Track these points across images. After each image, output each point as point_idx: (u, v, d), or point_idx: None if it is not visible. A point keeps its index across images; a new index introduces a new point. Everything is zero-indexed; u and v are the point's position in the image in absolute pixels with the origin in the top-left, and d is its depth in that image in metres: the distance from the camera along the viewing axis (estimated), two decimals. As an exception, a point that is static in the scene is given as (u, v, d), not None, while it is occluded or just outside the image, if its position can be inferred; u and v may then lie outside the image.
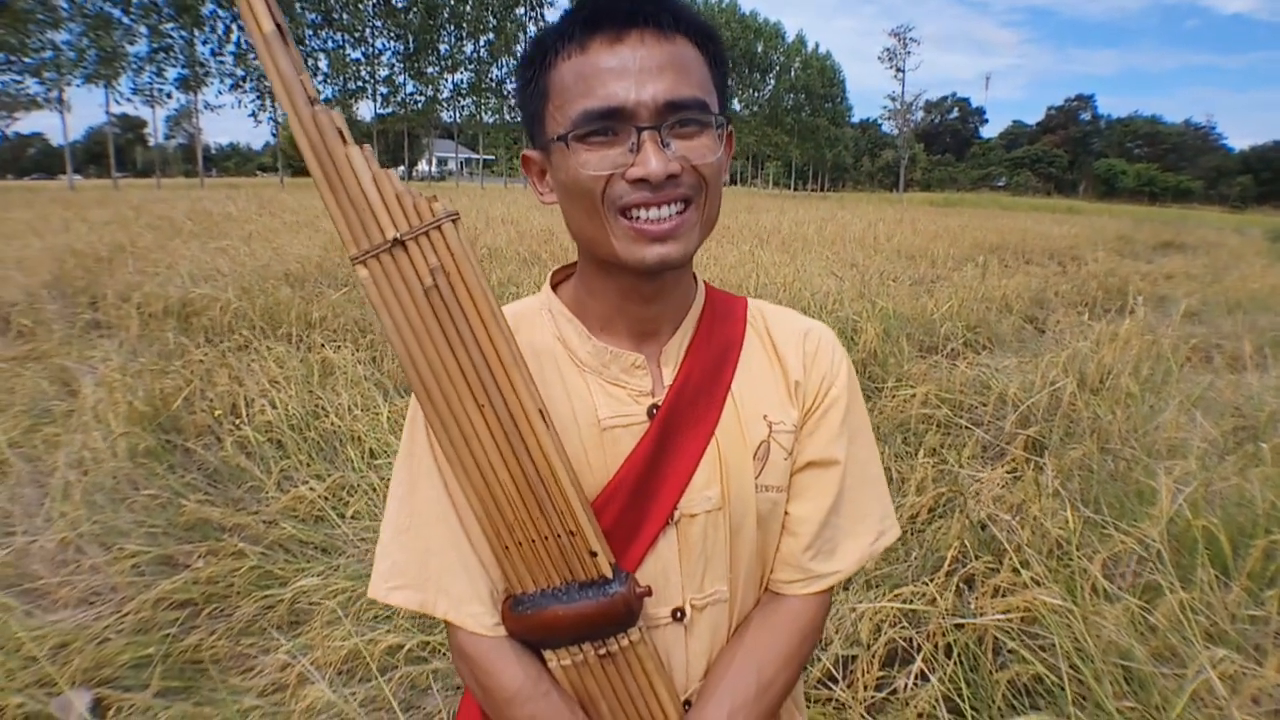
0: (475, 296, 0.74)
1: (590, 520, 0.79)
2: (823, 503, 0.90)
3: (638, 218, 0.77)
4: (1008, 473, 3.31)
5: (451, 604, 0.83)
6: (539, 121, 0.81)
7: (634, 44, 0.75)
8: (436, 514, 0.84)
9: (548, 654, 0.82)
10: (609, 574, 0.79)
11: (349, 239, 0.73)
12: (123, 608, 2.66)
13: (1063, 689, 2.12)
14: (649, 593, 0.82)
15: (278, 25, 0.70)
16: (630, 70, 0.74)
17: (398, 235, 0.72)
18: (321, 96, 0.72)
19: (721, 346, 0.90)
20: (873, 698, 2.20)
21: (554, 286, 0.94)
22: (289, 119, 0.72)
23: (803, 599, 0.91)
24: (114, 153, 41.59)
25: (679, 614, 0.87)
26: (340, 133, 0.72)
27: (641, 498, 0.84)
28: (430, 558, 0.84)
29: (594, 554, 0.79)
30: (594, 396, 0.86)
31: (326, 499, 3.28)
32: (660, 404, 0.86)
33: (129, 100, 42.78)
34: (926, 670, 2.22)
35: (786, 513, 0.92)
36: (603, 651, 0.81)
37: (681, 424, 0.86)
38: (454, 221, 0.74)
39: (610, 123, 0.75)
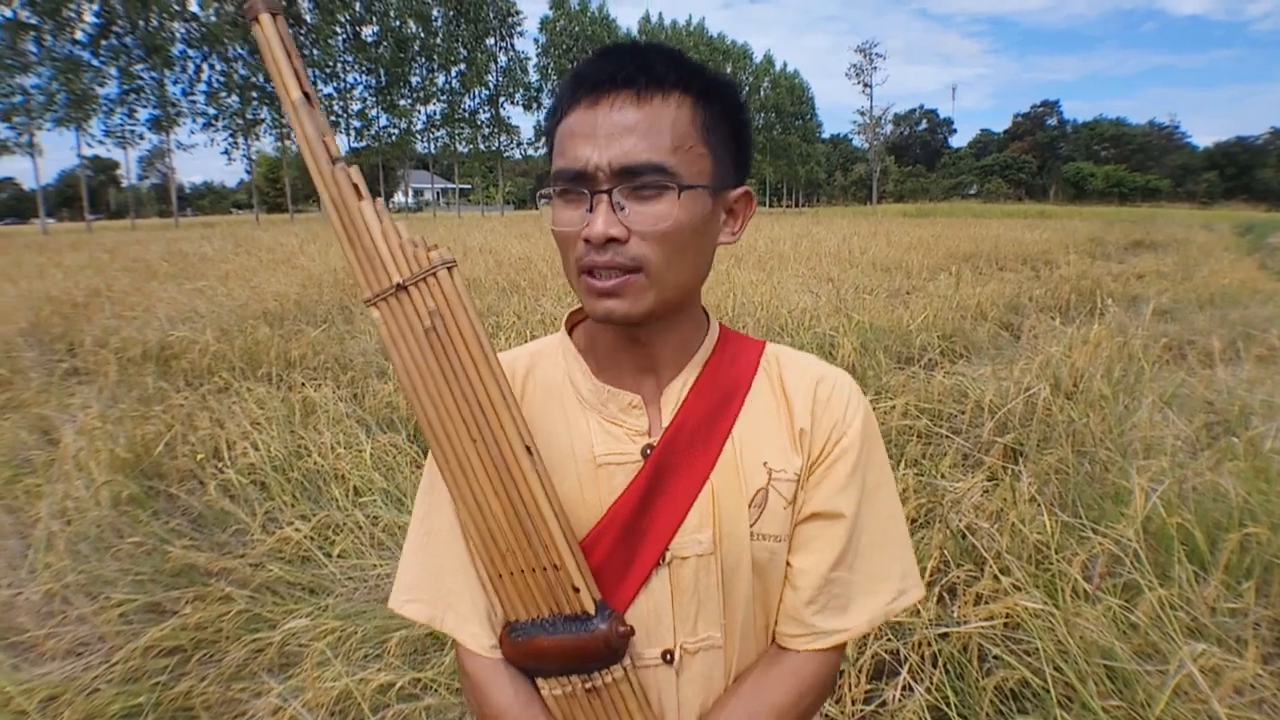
0: (467, 338, 0.79)
1: (574, 555, 0.81)
2: (826, 556, 0.88)
3: (592, 275, 0.80)
4: (986, 480, 3.35)
5: (457, 621, 0.88)
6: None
7: (605, 107, 0.78)
8: (450, 536, 0.88)
9: (540, 682, 0.85)
10: (591, 610, 0.81)
11: (364, 283, 0.81)
12: (111, 657, 2.65)
13: (1048, 692, 2.15)
14: (632, 632, 0.83)
15: (305, 93, 0.78)
16: (596, 135, 0.77)
17: (401, 281, 0.79)
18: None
19: (726, 390, 0.90)
20: (861, 711, 2.22)
21: (572, 326, 0.97)
22: (314, 176, 0.80)
23: (808, 657, 0.89)
24: (87, 195, 41.37)
25: (669, 656, 0.87)
26: (356, 188, 0.80)
27: (632, 536, 0.85)
28: (442, 576, 0.89)
29: (576, 589, 0.81)
30: (592, 433, 0.88)
31: (312, 539, 3.27)
32: (655, 444, 0.87)
33: (101, 142, 42.57)
34: (913, 681, 2.24)
35: (789, 564, 0.90)
36: (589, 685, 0.82)
37: (675, 465, 0.86)
38: (450, 269, 0.80)
39: (576, 184, 0.79)
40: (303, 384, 5.12)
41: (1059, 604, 2.41)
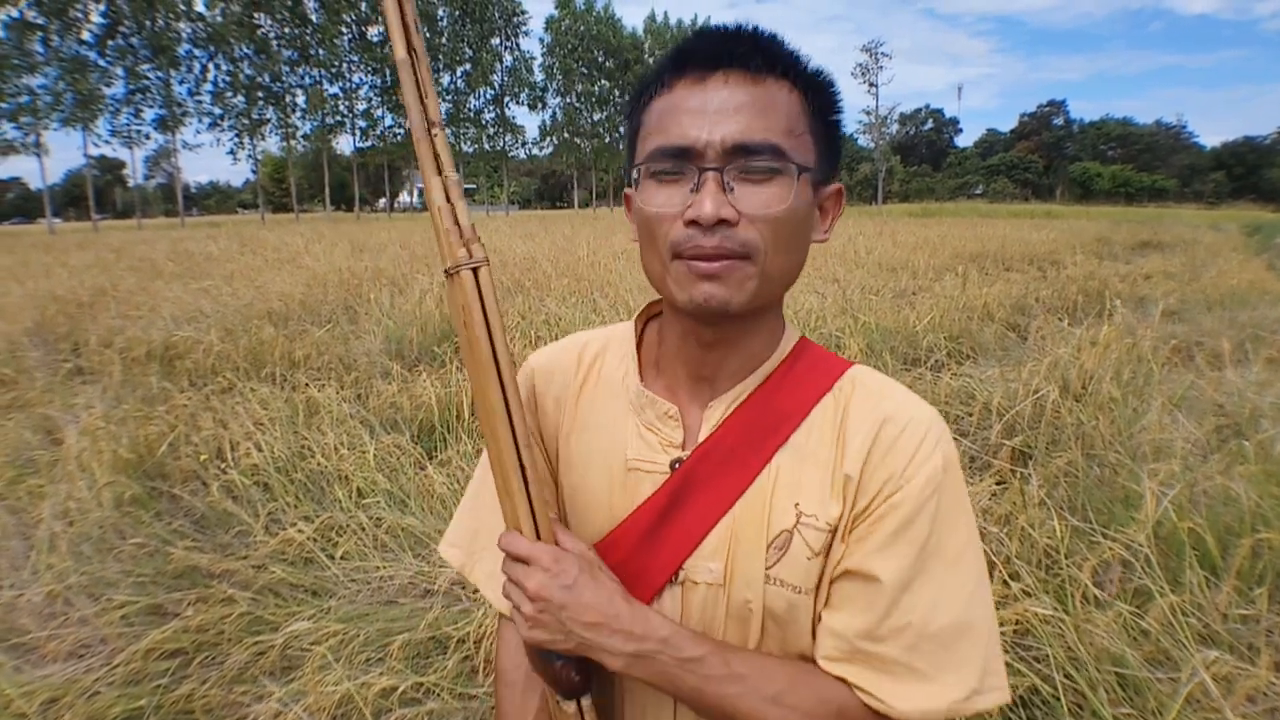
0: (479, 344, 0.77)
1: None
2: (855, 622, 0.76)
3: (691, 259, 0.75)
4: (995, 483, 3.32)
5: (483, 578, 0.92)
6: (630, 158, 0.82)
7: (717, 85, 0.74)
8: (493, 499, 0.85)
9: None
10: None
11: (440, 254, 0.80)
12: (113, 659, 2.63)
13: (1058, 699, 2.13)
14: (580, 688, 0.79)
15: (412, 50, 0.78)
16: (707, 111, 0.73)
17: (447, 267, 0.78)
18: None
19: (778, 414, 0.81)
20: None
21: (647, 320, 0.93)
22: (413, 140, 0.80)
23: (840, 684, 0.77)
24: (93, 195, 41.58)
25: None
26: (438, 159, 0.78)
27: (646, 548, 0.82)
28: (479, 533, 0.93)
29: None
30: (629, 435, 0.86)
31: (315, 540, 3.26)
32: (685, 459, 0.82)
33: (107, 142, 42.74)
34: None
35: (820, 616, 0.80)
36: (556, 700, 0.82)
37: (701, 485, 0.81)
38: (474, 270, 0.76)
39: (679, 162, 0.74)
40: (307, 384, 5.11)
41: (1069, 610, 2.38)
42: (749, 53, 0.75)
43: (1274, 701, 2.14)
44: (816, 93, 0.78)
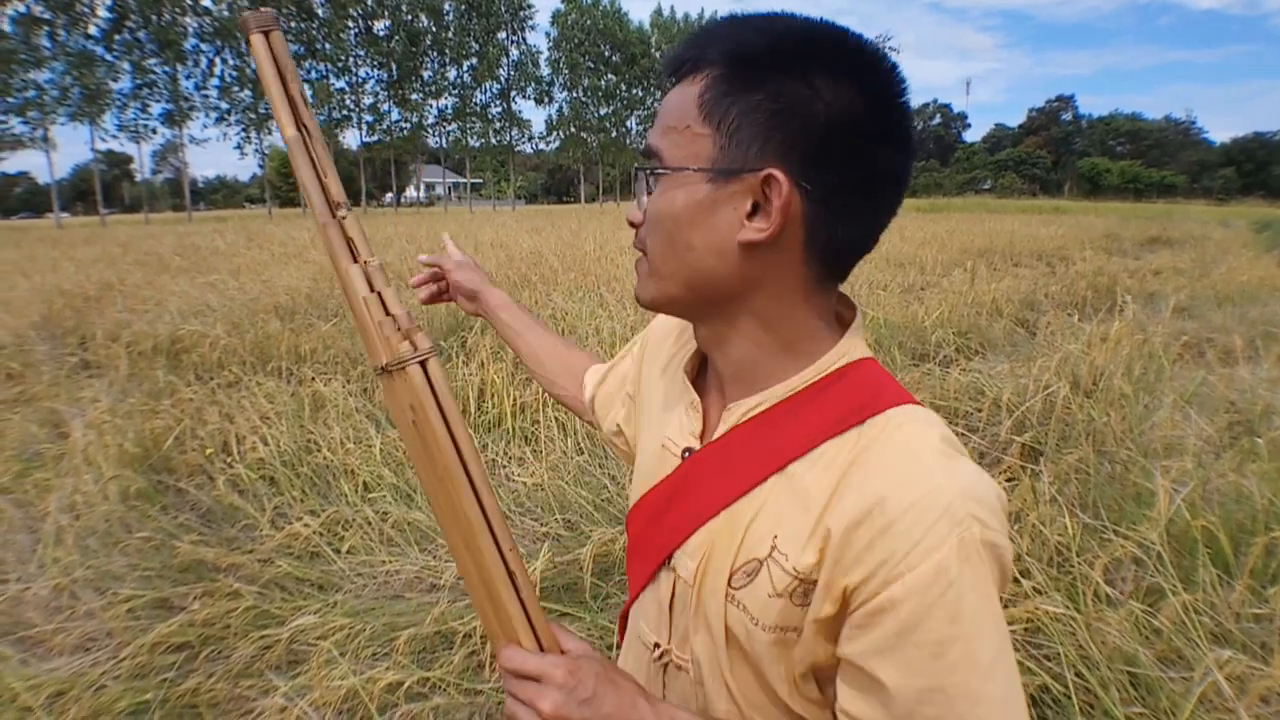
0: (439, 446, 0.70)
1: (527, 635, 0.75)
2: (868, 713, 0.66)
3: None
4: (1005, 480, 3.30)
5: None
6: None
7: (669, 92, 0.77)
8: None
9: None
10: None
11: (368, 350, 0.73)
12: (119, 653, 2.63)
13: (1070, 698, 2.11)
14: None
15: (302, 125, 0.69)
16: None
17: (383, 365, 0.70)
18: None
19: (790, 436, 0.75)
20: None
21: None
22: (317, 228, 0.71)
23: None
24: (101, 189, 41.61)
25: (659, 651, 0.84)
26: (350, 243, 0.70)
27: (657, 524, 0.84)
28: None
29: None
30: (670, 413, 0.89)
31: (321, 535, 3.25)
32: (694, 450, 0.83)
33: (114, 137, 42.93)
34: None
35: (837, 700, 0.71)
36: None
37: (700, 481, 0.80)
38: (422, 363, 0.70)
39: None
40: (313, 378, 5.11)
41: (1080, 608, 2.36)
42: (683, 58, 0.73)
43: (1288, 702, 2.12)
44: (743, 73, 0.69)
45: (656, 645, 0.84)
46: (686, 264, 0.73)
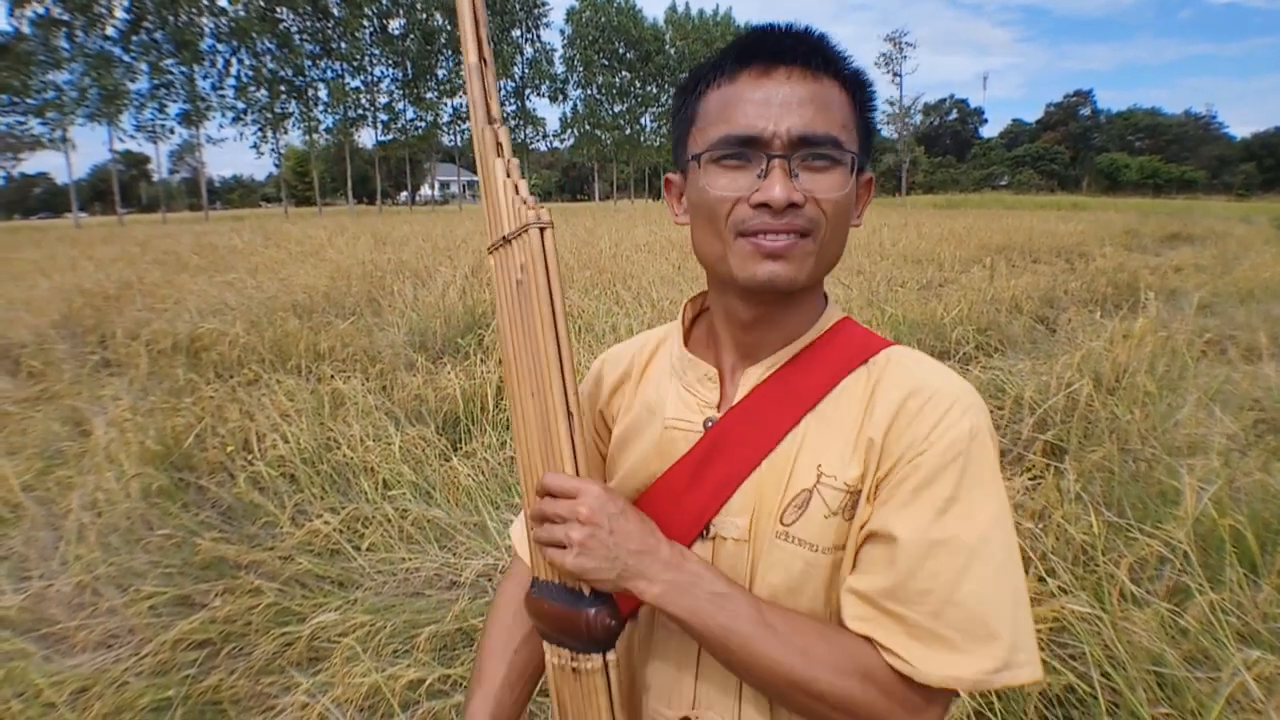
0: (539, 299, 0.81)
1: None
2: (874, 582, 0.76)
3: (756, 238, 0.81)
4: (1029, 479, 3.27)
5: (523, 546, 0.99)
6: (682, 145, 0.88)
7: (780, 79, 0.80)
8: None
9: (545, 646, 0.86)
10: (585, 591, 0.81)
11: (489, 230, 0.87)
12: (141, 650, 2.65)
13: (1095, 698, 2.08)
14: (620, 626, 0.82)
15: (482, 57, 0.86)
16: (772, 103, 0.79)
17: (505, 234, 0.84)
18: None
19: (809, 383, 0.86)
20: (902, 715, 2.16)
21: (695, 315, 1.00)
22: (473, 131, 0.89)
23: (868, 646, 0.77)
24: (119, 189, 41.97)
25: None
26: (499, 145, 0.86)
27: (680, 502, 0.87)
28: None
29: None
30: (669, 398, 0.92)
31: (342, 532, 3.26)
32: (717, 418, 0.88)
33: (132, 137, 43.32)
34: (956, 685, 2.17)
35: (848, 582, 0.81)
36: (574, 665, 0.83)
37: (731, 444, 0.86)
38: (541, 230, 0.82)
39: (745, 149, 0.80)
40: (332, 376, 5.13)
41: (1106, 607, 2.34)
42: (809, 52, 0.81)
43: (1318, 704, 2.08)
44: (859, 91, 0.84)
45: None
46: (842, 243, 0.86)
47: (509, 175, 0.85)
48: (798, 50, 0.80)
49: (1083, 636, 2.23)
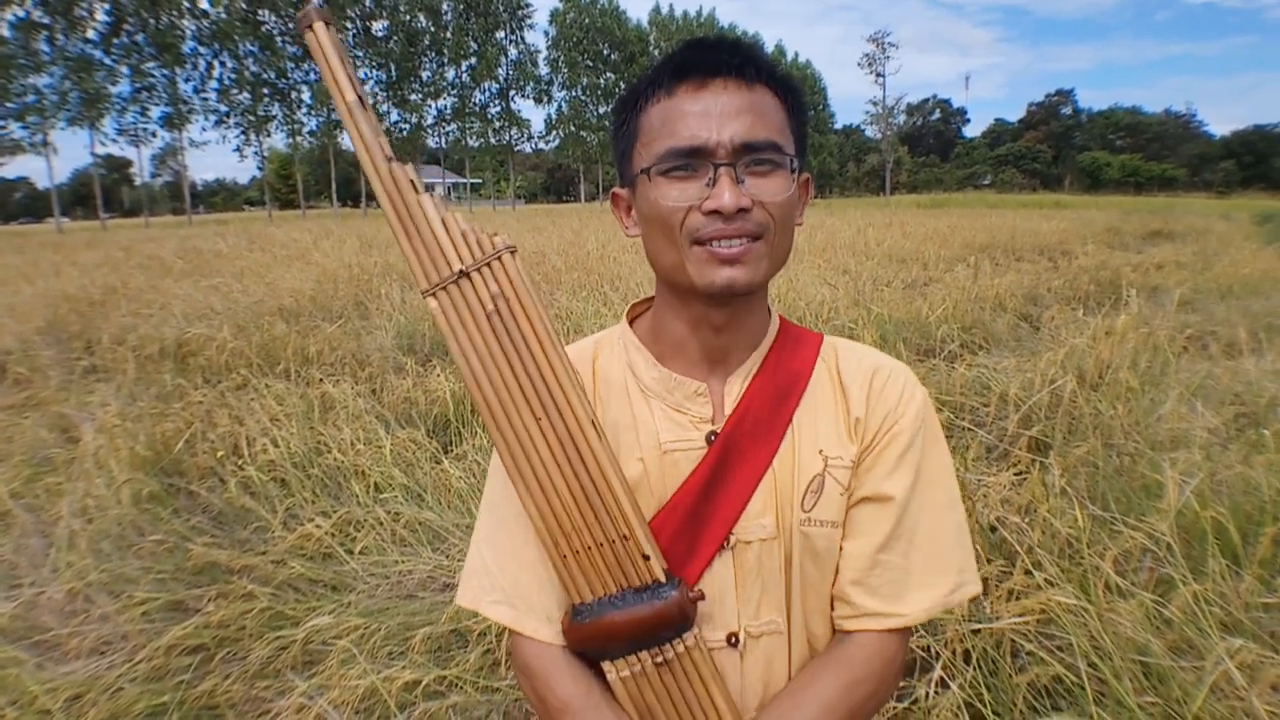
0: (532, 318, 0.83)
1: (642, 525, 0.84)
2: (873, 538, 0.89)
3: (711, 245, 0.83)
4: (1014, 474, 3.31)
5: (527, 611, 0.89)
6: (628, 159, 0.91)
7: (717, 91, 0.84)
8: (517, 524, 0.89)
9: (606, 666, 0.85)
10: (662, 578, 0.83)
11: (420, 275, 0.83)
12: (135, 656, 2.64)
13: (1083, 688, 2.11)
14: (702, 596, 0.85)
15: (358, 96, 0.82)
16: (712, 113, 0.83)
17: (463, 268, 0.82)
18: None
19: (787, 379, 0.93)
20: (894, 708, 2.19)
21: (632, 319, 1.01)
22: (369, 175, 0.83)
23: (858, 643, 0.89)
24: (101, 193, 41.59)
25: (734, 639, 0.89)
26: (413, 183, 0.83)
27: (697, 521, 0.88)
28: (509, 569, 0.91)
29: (646, 557, 0.83)
30: (657, 421, 0.92)
31: (334, 535, 3.26)
32: (719, 431, 0.90)
33: (114, 141, 42.85)
34: (946, 677, 2.21)
35: (841, 548, 0.91)
36: (659, 659, 0.83)
37: (739, 452, 0.90)
38: (512, 253, 0.84)
39: (691, 160, 0.83)
40: (321, 380, 5.12)
41: (1092, 599, 2.37)
42: (742, 62, 0.85)
43: (1300, 691, 2.13)
44: (790, 96, 0.89)
45: (732, 635, 0.89)
46: (790, 245, 0.90)
47: (439, 210, 0.84)
48: (731, 62, 0.84)
49: (1069, 628, 2.26)
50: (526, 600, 0.89)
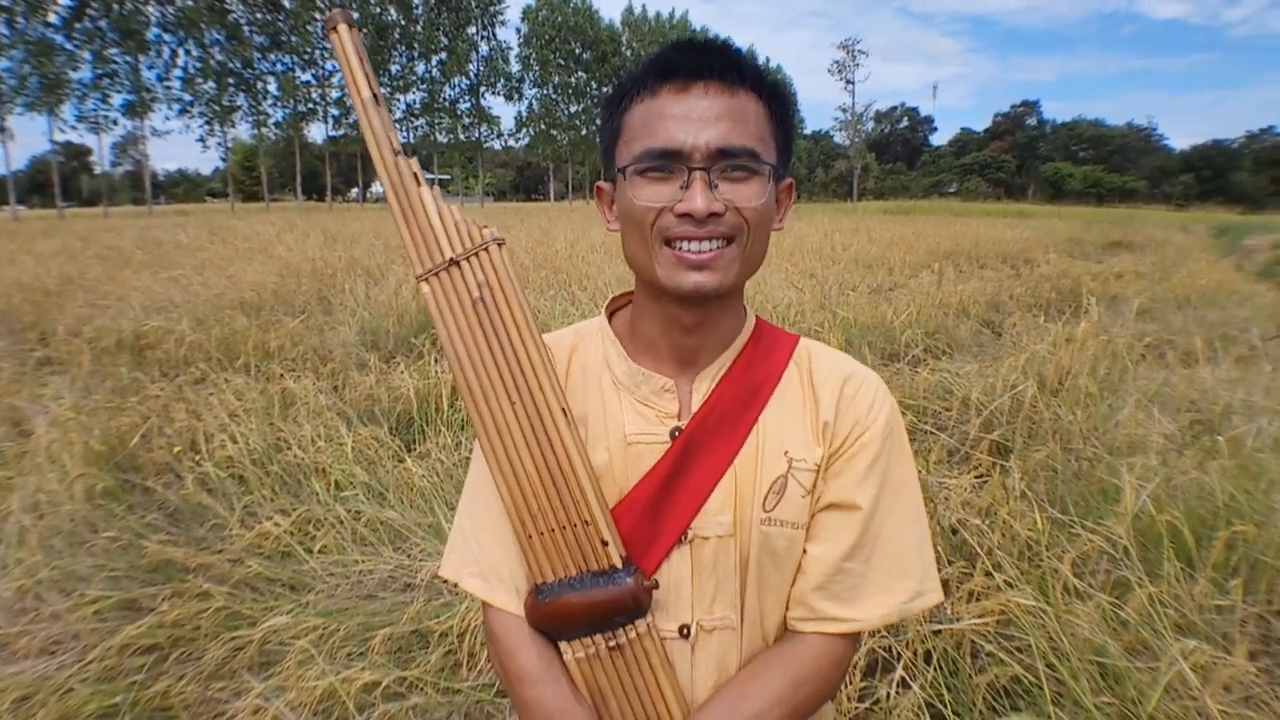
0: (513, 307, 0.86)
1: (603, 512, 0.87)
2: (839, 545, 0.90)
3: (681, 248, 0.85)
4: (975, 477, 3.34)
5: (498, 584, 0.92)
6: (611, 155, 0.92)
7: (699, 94, 0.84)
8: (495, 504, 0.92)
9: (564, 646, 0.89)
10: (619, 564, 0.86)
11: (416, 260, 0.89)
12: (86, 656, 2.58)
13: (1041, 689, 2.14)
14: (656, 586, 0.87)
15: (374, 93, 0.89)
16: (691, 117, 0.83)
17: (453, 256, 0.87)
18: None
19: (757, 380, 0.94)
20: (856, 709, 2.20)
21: (612, 311, 1.02)
22: (377, 165, 0.89)
23: (808, 643, 0.91)
24: (59, 182, 40.69)
25: (685, 631, 0.90)
26: (416, 176, 0.89)
27: (655, 513, 0.90)
28: (486, 545, 0.94)
29: (605, 543, 0.86)
30: (624, 413, 0.93)
31: (293, 534, 3.21)
32: (683, 427, 0.92)
33: (73, 128, 42.00)
34: (907, 678, 2.23)
35: (804, 551, 0.93)
36: (613, 643, 0.86)
37: (701, 449, 0.91)
38: (499, 244, 0.88)
39: (667, 161, 0.84)
40: (282, 375, 5.05)
41: (1050, 601, 2.40)
42: (726, 67, 0.85)
43: (1250, 690, 2.17)
44: (776, 102, 0.89)
45: (684, 627, 0.91)
46: (764, 250, 0.91)
47: (436, 202, 0.89)
48: (715, 65, 0.85)
49: (1028, 629, 2.29)
50: (498, 573, 0.92)
